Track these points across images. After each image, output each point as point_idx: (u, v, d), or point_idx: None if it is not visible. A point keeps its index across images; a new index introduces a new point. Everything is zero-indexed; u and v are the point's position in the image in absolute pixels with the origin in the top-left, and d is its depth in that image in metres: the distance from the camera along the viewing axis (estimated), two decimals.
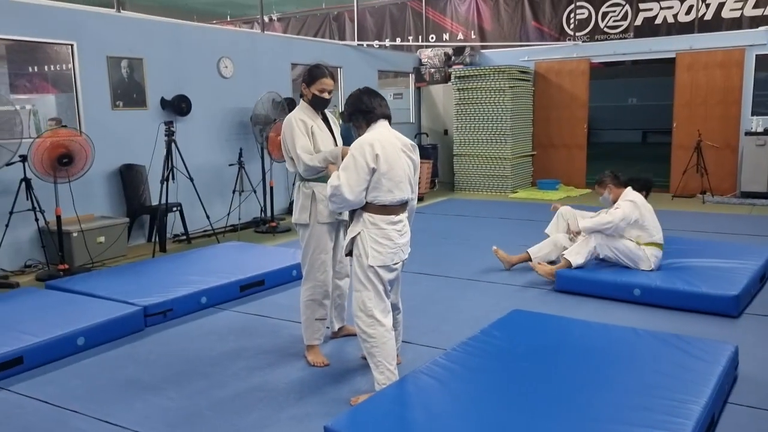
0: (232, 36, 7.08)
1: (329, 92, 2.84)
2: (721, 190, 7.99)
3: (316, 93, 2.82)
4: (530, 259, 4.43)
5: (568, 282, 4.01)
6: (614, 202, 4.13)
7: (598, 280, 3.91)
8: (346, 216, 2.81)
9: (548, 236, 4.53)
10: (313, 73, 2.83)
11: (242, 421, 2.47)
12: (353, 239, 2.55)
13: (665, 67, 8.52)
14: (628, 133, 17.71)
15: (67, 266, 4.73)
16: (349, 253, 2.60)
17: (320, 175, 2.84)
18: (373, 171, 2.45)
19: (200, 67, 6.28)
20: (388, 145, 2.48)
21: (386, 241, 2.51)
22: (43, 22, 5.05)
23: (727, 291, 3.54)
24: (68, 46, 5.26)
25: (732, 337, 3.13)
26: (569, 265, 4.04)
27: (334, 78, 2.88)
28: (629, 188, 4.14)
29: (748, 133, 7.75)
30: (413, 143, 2.64)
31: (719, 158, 8.06)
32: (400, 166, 2.51)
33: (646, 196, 4.21)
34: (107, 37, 5.47)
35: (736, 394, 2.62)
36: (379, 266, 2.50)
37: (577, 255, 4.03)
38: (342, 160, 2.60)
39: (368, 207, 2.51)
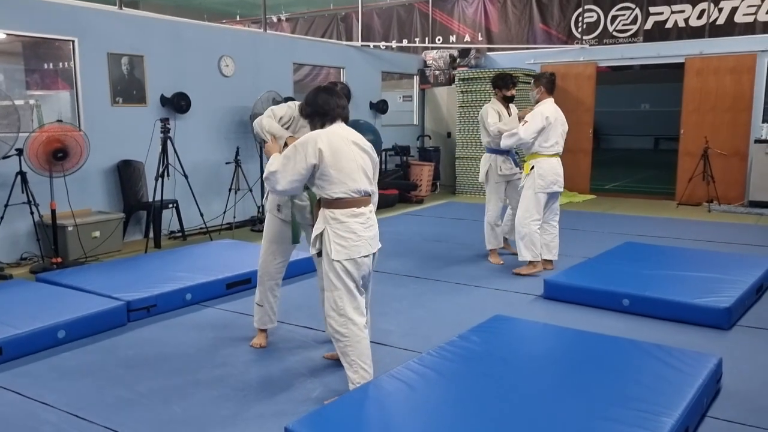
0: (234, 35, 7.11)
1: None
2: (728, 199, 7.82)
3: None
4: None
5: (556, 289, 3.95)
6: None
7: (587, 288, 3.84)
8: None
9: None
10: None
11: (209, 418, 2.46)
12: (318, 237, 2.54)
13: (678, 72, 8.36)
14: (640, 140, 17.46)
15: (60, 260, 4.78)
16: (319, 253, 2.58)
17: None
18: (314, 167, 2.45)
19: (201, 66, 6.31)
20: (334, 138, 2.49)
21: (349, 234, 2.48)
22: (45, 18, 5.11)
23: (718, 303, 3.46)
24: (69, 42, 5.32)
25: (720, 349, 3.04)
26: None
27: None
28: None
29: (757, 141, 7.59)
30: (371, 145, 2.63)
31: (727, 166, 7.89)
32: (350, 158, 2.49)
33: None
34: (108, 34, 5.52)
35: (716, 408, 2.55)
36: (344, 260, 2.47)
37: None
38: (284, 146, 2.79)
39: (327, 203, 2.51)
